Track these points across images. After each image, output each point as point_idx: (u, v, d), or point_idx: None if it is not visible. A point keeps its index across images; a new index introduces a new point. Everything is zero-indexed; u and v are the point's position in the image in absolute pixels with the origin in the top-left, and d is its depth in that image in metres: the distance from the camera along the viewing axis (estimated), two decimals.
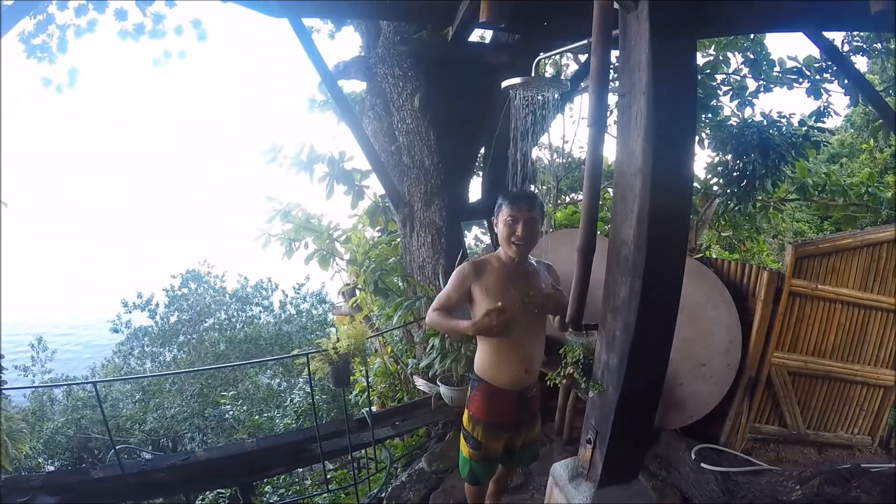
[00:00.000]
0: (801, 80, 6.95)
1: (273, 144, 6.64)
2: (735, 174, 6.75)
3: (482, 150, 6.39)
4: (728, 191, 6.98)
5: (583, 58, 6.98)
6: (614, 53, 2.38)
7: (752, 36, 7.02)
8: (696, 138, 7.10)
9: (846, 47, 6.71)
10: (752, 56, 7.14)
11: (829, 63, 6.70)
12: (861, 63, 7.11)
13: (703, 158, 7.63)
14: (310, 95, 7.30)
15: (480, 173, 6.81)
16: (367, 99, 6.11)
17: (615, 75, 3.07)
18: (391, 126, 5.81)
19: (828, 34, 5.80)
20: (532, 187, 4.44)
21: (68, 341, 25.43)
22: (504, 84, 2.87)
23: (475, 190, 6.52)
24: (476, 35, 6.26)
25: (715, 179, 7.59)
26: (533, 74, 2.89)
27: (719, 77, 7.30)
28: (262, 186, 7.20)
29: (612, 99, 5.47)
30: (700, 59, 7.28)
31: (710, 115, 7.23)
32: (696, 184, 8.08)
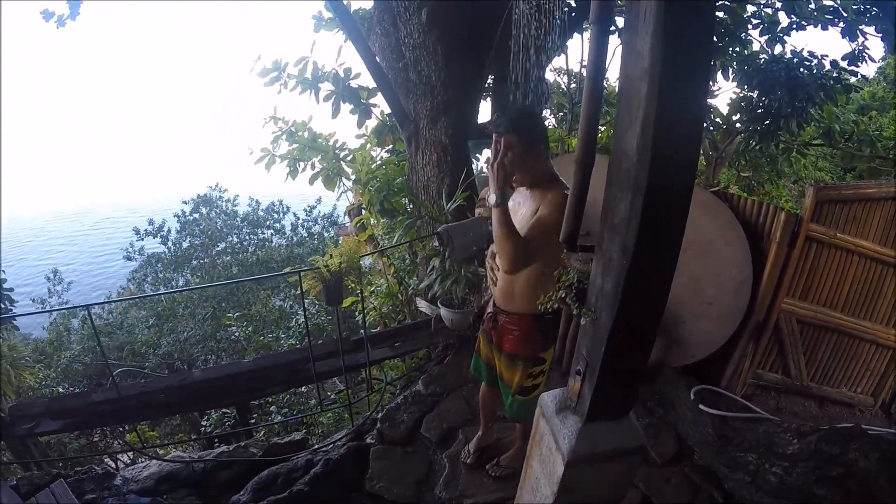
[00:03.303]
0: (836, 20, 6.50)
1: (276, 63, 6.41)
2: (759, 111, 6.46)
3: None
4: (751, 128, 6.69)
5: None
6: None
7: None
8: (718, 63, 6.76)
9: None
10: None
11: (869, 5, 6.27)
12: None
13: (727, 94, 7.29)
14: (316, 13, 7.00)
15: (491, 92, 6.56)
16: (375, 14, 5.86)
17: None
18: (398, 42, 5.55)
19: None
20: (546, 111, 4.25)
21: (85, 271, 25.89)
22: None
23: (487, 110, 6.29)
24: None
25: (738, 115, 7.26)
26: None
27: (750, 9, 6.87)
28: (267, 106, 6.98)
29: None
30: None
31: (737, 49, 6.85)
32: (717, 119, 7.76)
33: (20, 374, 4.33)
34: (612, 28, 4.97)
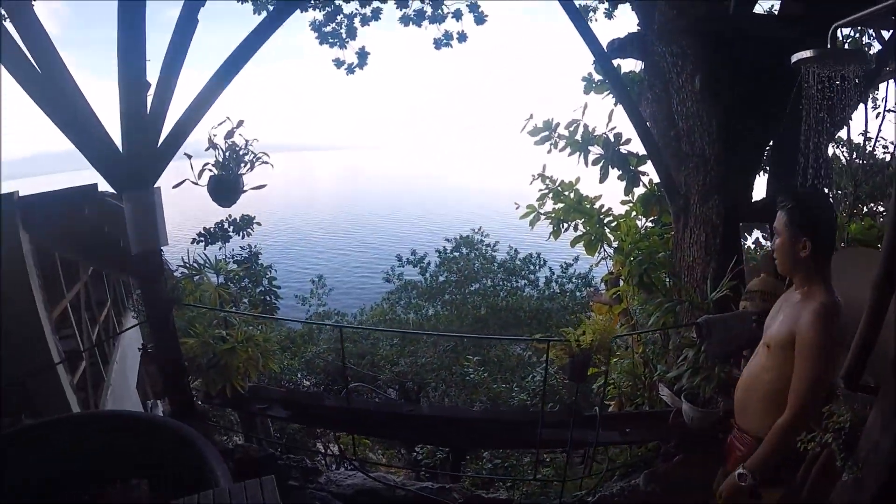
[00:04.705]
0: None
1: (547, 123, 6.48)
2: None
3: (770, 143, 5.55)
4: None
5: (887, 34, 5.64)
6: None
7: None
8: None
9: None
10: None
11: None
12: None
13: None
14: (586, 75, 7.06)
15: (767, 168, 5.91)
16: (646, 79, 5.68)
17: None
18: (670, 109, 5.29)
19: None
20: (825, 190, 3.73)
21: (345, 283, 29.46)
22: (794, 58, 2.30)
23: (759, 188, 5.68)
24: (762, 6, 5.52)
25: None
26: (829, 47, 2.28)
27: None
28: (533, 163, 7.14)
29: None
30: None
31: None
32: None
33: (266, 362, 4.84)
34: None
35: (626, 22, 6.97)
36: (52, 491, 3.11)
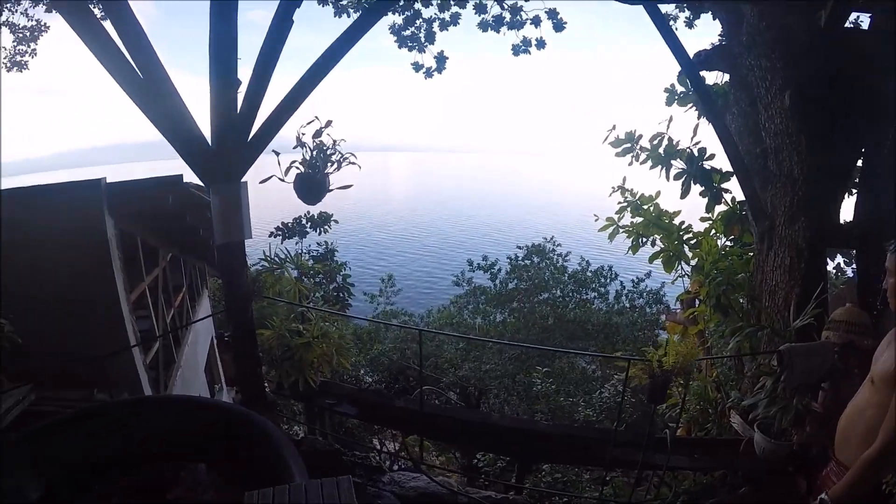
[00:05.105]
0: None
1: (629, 134, 6.36)
2: None
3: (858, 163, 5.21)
4: None
5: None
6: None
7: None
8: None
9: None
10: None
11: None
12: None
13: None
14: (668, 86, 6.79)
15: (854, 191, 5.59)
16: (731, 93, 5.47)
17: None
18: (757, 125, 5.09)
19: None
20: None
21: (412, 286, 29.70)
22: None
23: (846, 210, 5.40)
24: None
25: None
26: None
27: None
28: (611, 175, 7.01)
29: None
30: None
31: None
32: None
33: (340, 359, 4.96)
34: None
35: (707, 32, 6.83)
36: (120, 469, 3.21)
